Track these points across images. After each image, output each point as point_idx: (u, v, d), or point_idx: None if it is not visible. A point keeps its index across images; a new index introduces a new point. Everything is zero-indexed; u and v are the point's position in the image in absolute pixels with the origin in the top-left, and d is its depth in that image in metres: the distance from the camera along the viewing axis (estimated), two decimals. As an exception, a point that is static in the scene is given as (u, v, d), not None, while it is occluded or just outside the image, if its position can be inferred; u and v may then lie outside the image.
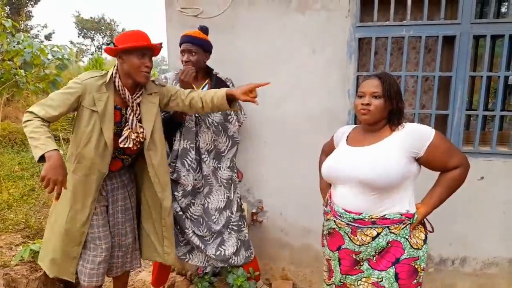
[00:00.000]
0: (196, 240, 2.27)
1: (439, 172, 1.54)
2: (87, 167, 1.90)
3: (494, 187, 2.40)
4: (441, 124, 2.51)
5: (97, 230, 2.00)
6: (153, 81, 2.04)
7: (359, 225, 1.48)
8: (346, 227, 1.52)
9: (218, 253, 2.28)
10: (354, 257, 1.53)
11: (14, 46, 7.69)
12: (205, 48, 2.24)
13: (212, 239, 2.31)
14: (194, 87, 2.26)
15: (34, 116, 1.75)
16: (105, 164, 1.93)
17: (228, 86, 2.28)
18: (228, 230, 2.35)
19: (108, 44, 1.86)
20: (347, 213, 1.51)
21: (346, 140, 1.66)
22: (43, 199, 4.49)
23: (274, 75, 2.56)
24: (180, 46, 2.23)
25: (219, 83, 2.27)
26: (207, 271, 2.60)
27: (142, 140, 1.98)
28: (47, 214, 4.08)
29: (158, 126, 2.04)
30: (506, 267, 2.48)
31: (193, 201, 2.32)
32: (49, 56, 8.70)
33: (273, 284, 2.74)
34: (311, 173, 2.24)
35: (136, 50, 1.84)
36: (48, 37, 19.26)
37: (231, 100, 2.01)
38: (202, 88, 2.28)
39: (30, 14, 17.60)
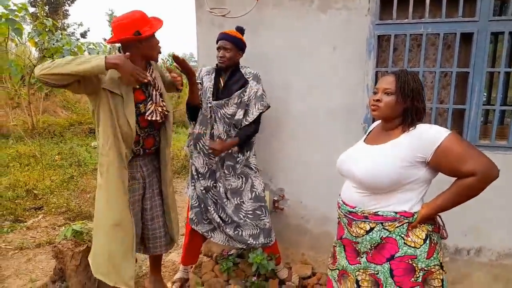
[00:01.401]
0: (217, 218, 2.47)
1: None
2: (121, 150, 1.97)
3: (511, 180, 2.46)
4: (458, 118, 2.59)
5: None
6: None
7: (354, 218, 1.52)
8: (344, 218, 1.57)
9: (236, 233, 2.46)
10: (354, 246, 1.57)
11: (53, 44, 8.19)
12: (239, 46, 2.43)
13: (230, 221, 2.47)
14: (221, 79, 2.50)
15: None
16: (131, 143, 2.01)
17: (245, 82, 2.44)
18: (243, 218, 2.46)
19: (135, 34, 1.89)
20: (344, 205, 1.57)
21: (368, 135, 1.68)
22: (82, 186, 4.84)
23: (297, 71, 2.71)
24: (216, 43, 2.43)
25: (235, 81, 2.45)
26: (231, 253, 2.80)
27: (166, 113, 2.10)
28: (85, 199, 4.42)
29: (167, 99, 2.21)
30: (521, 259, 2.53)
31: (214, 184, 2.52)
32: (85, 53, 9.19)
33: (293, 268, 2.90)
34: (330, 164, 2.36)
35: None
36: (83, 34, 20.05)
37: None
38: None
39: (67, 13, 18.41)
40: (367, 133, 1.70)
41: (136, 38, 1.90)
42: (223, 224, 2.47)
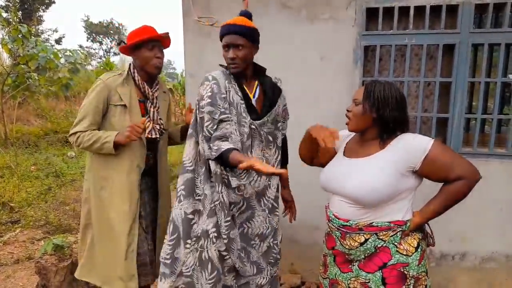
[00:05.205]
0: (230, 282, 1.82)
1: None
2: (128, 165, 1.97)
3: (492, 186, 2.54)
4: (441, 127, 2.66)
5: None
6: None
7: (347, 231, 1.50)
8: (336, 231, 1.55)
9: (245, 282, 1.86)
10: (347, 256, 1.56)
11: (28, 51, 7.96)
12: (254, 38, 1.78)
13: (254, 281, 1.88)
14: (246, 88, 1.83)
15: (79, 133, 1.92)
16: (142, 159, 2.02)
17: (279, 91, 1.94)
18: (269, 265, 1.92)
19: (119, 44, 2.00)
20: (336, 218, 1.53)
21: (345, 147, 1.66)
22: (61, 197, 4.69)
23: (285, 80, 2.71)
24: (221, 40, 1.77)
25: (272, 89, 1.90)
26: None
27: (163, 131, 2.11)
28: (65, 211, 4.27)
29: (166, 122, 2.18)
30: (504, 262, 2.61)
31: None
32: (62, 60, 8.96)
33: (282, 277, 2.89)
34: (319, 174, 2.38)
35: (145, 43, 1.94)
36: (58, 41, 19.60)
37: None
38: (254, 95, 1.85)
39: (41, 18, 17.96)
40: (344, 146, 1.68)
41: (122, 48, 1.99)
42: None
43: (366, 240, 1.47)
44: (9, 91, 8.53)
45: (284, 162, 2.11)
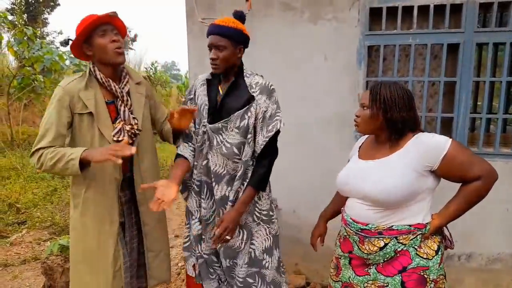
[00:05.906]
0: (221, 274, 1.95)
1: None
2: (102, 178, 1.76)
3: (498, 186, 2.46)
4: (446, 126, 2.65)
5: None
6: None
7: (366, 235, 1.47)
8: (354, 236, 1.52)
9: None
10: (365, 260, 1.54)
11: (34, 53, 8.03)
12: (238, 39, 1.75)
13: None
14: (221, 90, 1.85)
15: (42, 150, 1.66)
16: (117, 169, 1.78)
17: (250, 98, 1.78)
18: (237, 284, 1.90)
19: (67, 43, 1.76)
20: (354, 222, 1.51)
21: (358, 151, 1.66)
22: (66, 198, 4.71)
23: (289, 81, 2.72)
24: (207, 37, 1.79)
25: (237, 95, 1.80)
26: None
27: (137, 132, 1.83)
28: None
29: (146, 119, 1.92)
30: (510, 263, 2.59)
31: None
32: (67, 62, 9.02)
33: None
34: (322, 173, 2.38)
35: (93, 31, 1.71)
36: (63, 43, 19.72)
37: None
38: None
39: (46, 21, 18.07)
40: (358, 149, 1.67)
41: (72, 45, 1.74)
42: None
43: (385, 244, 1.44)
44: (15, 93, 8.60)
45: (256, 185, 1.83)
